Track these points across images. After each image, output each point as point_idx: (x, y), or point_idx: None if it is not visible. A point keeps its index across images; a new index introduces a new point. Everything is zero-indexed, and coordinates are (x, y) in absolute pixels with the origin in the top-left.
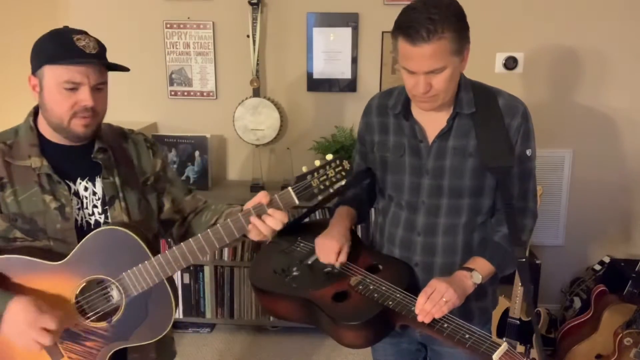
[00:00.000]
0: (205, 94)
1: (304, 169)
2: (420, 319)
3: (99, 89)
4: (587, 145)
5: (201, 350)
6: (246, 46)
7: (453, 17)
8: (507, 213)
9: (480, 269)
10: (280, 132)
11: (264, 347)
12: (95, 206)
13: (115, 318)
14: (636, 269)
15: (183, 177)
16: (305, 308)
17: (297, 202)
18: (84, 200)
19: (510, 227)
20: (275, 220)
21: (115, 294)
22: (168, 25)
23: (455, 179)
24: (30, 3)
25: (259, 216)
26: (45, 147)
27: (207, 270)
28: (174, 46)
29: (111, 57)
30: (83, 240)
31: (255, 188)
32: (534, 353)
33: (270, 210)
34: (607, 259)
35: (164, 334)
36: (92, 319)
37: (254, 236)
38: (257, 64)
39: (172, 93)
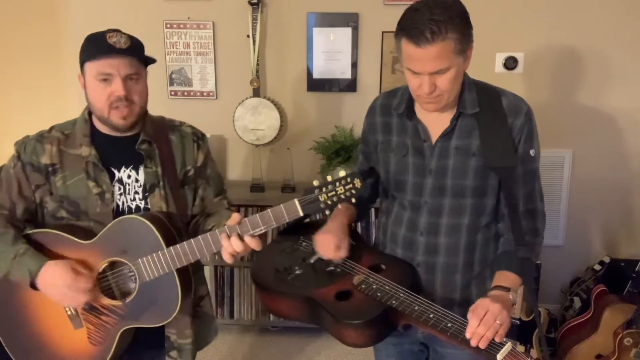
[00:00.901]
0: (205, 94)
1: (315, 183)
2: (474, 343)
3: (132, 80)
4: (587, 145)
5: (201, 350)
6: (246, 46)
7: (456, 18)
8: (509, 213)
9: (514, 286)
10: (280, 132)
11: (264, 347)
12: (137, 192)
13: (128, 299)
14: (636, 269)
15: None
16: (307, 307)
17: (301, 213)
18: (127, 187)
19: (513, 226)
20: (237, 243)
21: (131, 276)
22: (168, 25)
23: (458, 178)
24: (30, 3)
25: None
26: (95, 137)
27: (207, 270)
28: (174, 46)
29: None
30: (109, 224)
31: (255, 188)
32: (533, 353)
33: (246, 237)
34: (607, 259)
35: (168, 321)
36: (111, 296)
37: (224, 255)
38: (257, 64)
39: (172, 93)
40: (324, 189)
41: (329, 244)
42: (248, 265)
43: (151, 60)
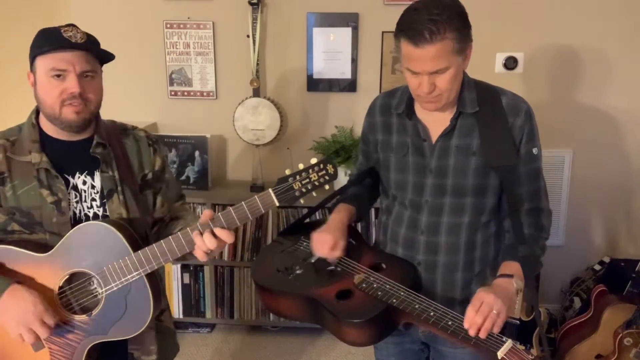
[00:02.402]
0: (205, 94)
1: (287, 172)
2: (472, 333)
3: (88, 77)
4: (587, 145)
5: (201, 350)
6: (246, 46)
7: (455, 17)
8: (511, 211)
9: (517, 275)
10: (280, 132)
11: (264, 347)
12: (93, 199)
13: (95, 312)
14: (636, 269)
15: (183, 177)
16: (308, 306)
17: (277, 203)
18: (83, 194)
19: (514, 225)
20: (211, 239)
21: (96, 287)
22: (168, 25)
23: (458, 177)
24: (29, 3)
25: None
26: (45, 142)
27: (207, 270)
28: (174, 46)
29: None
30: (67, 233)
31: (255, 188)
32: (533, 353)
33: (216, 230)
34: (607, 259)
35: (141, 330)
36: (73, 310)
37: (197, 254)
38: (257, 64)
39: (172, 93)
40: (297, 177)
41: (324, 243)
42: (248, 265)
43: (109, 57)
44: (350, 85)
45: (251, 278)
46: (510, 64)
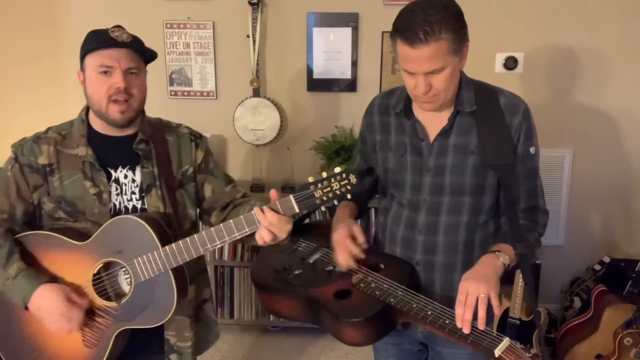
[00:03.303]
0: (205, 94)
1: (310, 179)
2: (466, 330)
3: (133, 74)
4: (587, 145)
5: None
6: (246, 46)
7: (451, 18)
8: (508, 209)
9: (505, 251)
10: (280, 132)
11: (264, 347)
12: (133, 193)
13: (124, 300)
14: (636, 269)
15: None
16: (307, 306)
17: (297, 210)
18: (124, 187)
19: (511, 223)
20: (266, 219)
21: (127, 277)
22: (168, 25)
23: (456, 176)
24: (29, 3)
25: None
26: (92, 137)
27: (207, 270)
28: (174, 46)
29: None
30: (104, 225)
31: (255, 188)
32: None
33: (266, 212)
34: (607, 259)
35: (164, 321)
36: (106, 297)
37: (258, 239)
38: (257, 64)
39: (172, 93)
40: (319, 185)
41: (342, 239)
42: (248, 265)
43: (151, 55)
44: (350, 85)
45: (250, 278)
46: (510, 64)
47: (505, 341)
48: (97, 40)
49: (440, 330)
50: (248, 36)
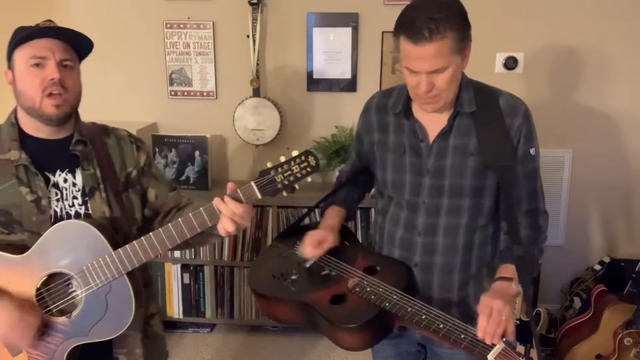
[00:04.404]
0: (205, 94)
1: (269, 164)
2: (488, 341)
3: (67, 66)
4: (587, 145)
5: (201, 350)
6: (246, 46)
7: (455, 16)
8: (508, 211)
9: (515, 278)
10: (280, 132)
11: (264, 347)
12: (75, 197)
13: (74, 313)
14: (636, 269)
15: (183, 177)
16: (304, 312)
17: (259, 196)
18: (64, 192)
19: (510, 225)
20: (228, 208)
21: (75, 287)
22: (168, 25)
23: (456, 178)
24: (29, 3)
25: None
26: (25, 141)
27: (207, 270)
28: (174, 46)
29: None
30: (44, 233)
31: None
32: (534, 353)
33: (228, 203)
34: (607, 259)
35: (123, 331)
36: (52, 312)
37: (221, 231)
38: (257, 64)
39: (172, 93)
40: (279, 169)
41: (312, 240)
42: (248, 265)
43: (85, 46)
44: (350, 85)
45: (248, 285)
46: (510, 64)
47: (499, 346)
48: (27, 31)
49: (434, 335)
50: (248, 36)
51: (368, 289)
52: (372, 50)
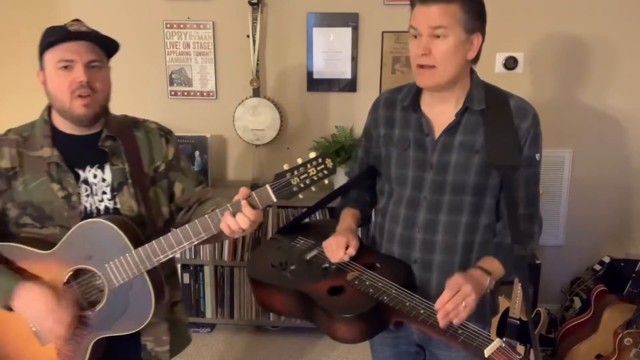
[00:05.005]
0: (205, 94)
1: (285, 167)
2: (440, 317)
3: (95, 67)
4: (587, 145)
5: (201, 351)
6: (246, 46)
7: None
8: (509, 212)
9: (495, 273)
10: (280, 132)
11: (264, 347)
12: (104, 192)
13: (98, 307)
14: (636, 269)
15: None
16: (299, 301)
17: (274, 199)
18: (93, 187)
19: (511, 224)
20: (244, 218)
21: (99, 283)
22: (168, 25)
23: (459, 174)
24: (29, 3)
25: (234, 213)
26: (57, 138)
27: (207, 270)
28: (174, 46)
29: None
30: (70, 231)
31: (255, 188)
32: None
33: (244, 208)
34: (607, 259)
35: (143, 326)
36: (79, 306)
37: (225, 231)
38: (257, 64)
39: (172, 93)
40: (295, 172)
41: (337, 245)
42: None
43: (113, 47)
44: (350, 85)
45: (246, 273)
46: (510, 64)
47: (496, 342)
48: (55, 35)
49: (431, 330)
50: (248, 36)
51: (367, 283)
52: (372, 50)
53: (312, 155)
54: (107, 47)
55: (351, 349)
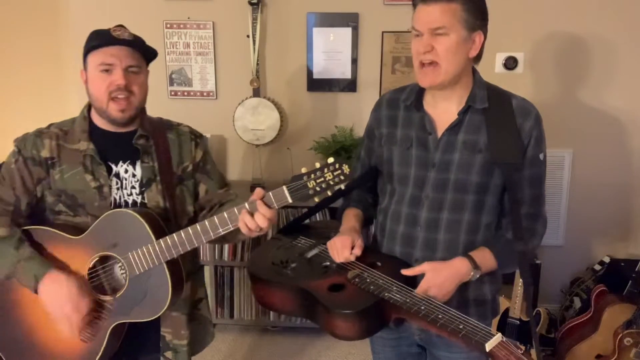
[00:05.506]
0: (205, 94)
1: (303, 170)
2: (419, 291)
3: (133, 72)
4: (587, 145)
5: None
6: (246, 46)
7: None
8: (512, 209)
9: (483, 265)
10: (280, 132)
11: (264, 347)
12: (133, 187)
13: (119, 293)
14: (636, 269)
15: None
16: (300, 298)
17: (290, 200)
18: (124, 182)
19: (514, 222)
20: (261, 216)
21: (122, 271)
22: (168, 25)
23: (462, 173)
24: (30, 6)
25: (252, 212)
26: (94, 133)
27: (207, 270)
28: (174, 46)
29: None
30: (98, 219)
31: (255, 188)
32: (534, 353)
33: (260, 207)
34: (607, 259)
35: (159, 314)
36: (101, 291)
37: (243, 230)
38: (257, 64)
39: (172, 93)
40: (312, 176)
41: (342, 245)
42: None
43: (152, 54)
44: (350, 85)
45: (246, 270)
46: (510, 64)
47: (497, 336)
48: (98, 39)
49: (432, 325)
50: (248, 36)
51: (368, 280)
52: (372, 50)
53: (331, 160)
54: (147, 52)
55: (351, 349)
